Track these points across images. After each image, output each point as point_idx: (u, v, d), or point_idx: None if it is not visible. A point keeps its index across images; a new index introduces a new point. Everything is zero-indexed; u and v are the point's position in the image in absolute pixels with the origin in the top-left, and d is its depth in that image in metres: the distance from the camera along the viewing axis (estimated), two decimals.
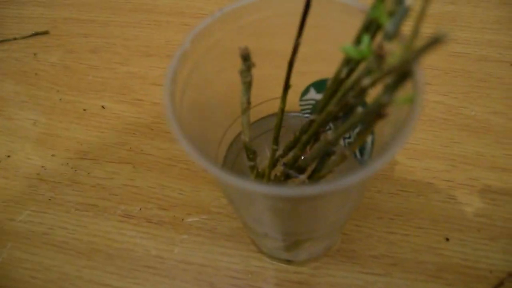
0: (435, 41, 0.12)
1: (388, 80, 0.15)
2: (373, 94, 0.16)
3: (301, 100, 0.25)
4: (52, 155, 0.35)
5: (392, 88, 0.15)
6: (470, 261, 0.29)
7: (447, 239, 0.29)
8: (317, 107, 0.21)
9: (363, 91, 0.16)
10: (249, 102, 0.22)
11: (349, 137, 0.23)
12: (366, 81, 0.16)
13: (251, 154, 0.24)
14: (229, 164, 0.25)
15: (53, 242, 0.30)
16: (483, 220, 0.30)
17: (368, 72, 0.16)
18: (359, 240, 0.29)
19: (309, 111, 0.25)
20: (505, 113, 0.34)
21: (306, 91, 0.24)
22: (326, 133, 0.19)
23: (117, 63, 0.40)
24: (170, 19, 0.43)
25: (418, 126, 0.34)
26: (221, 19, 0.18)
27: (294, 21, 0.19)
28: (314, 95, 0.24)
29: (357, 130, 0.23)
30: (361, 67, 0.17)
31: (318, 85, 0.23)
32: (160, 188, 0.32)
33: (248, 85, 0.21)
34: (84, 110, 0.37)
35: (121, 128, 0.36)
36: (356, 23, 0.17)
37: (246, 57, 0.19)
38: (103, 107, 0.37)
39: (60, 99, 0.38)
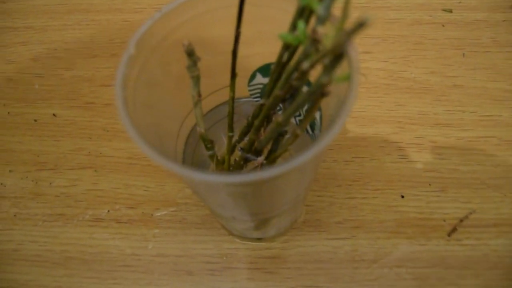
0: (360, 25, 0.13)
1: (325, 61, 0.16)
2: (315, 74, 0.17)
3: (249, 85, 0.26)
4: (10, 171, 0.34)
5: (329, 68, 0.16)
6: (425, 214, 0.31)
7: (402, 196, 0.32)
8: (265, 91, 0.22)
9: (304, 74, 0.18)
10: (199, 95, 0.22)
11: (300, 115, 0.25)
12: (305, 65, 0.17)
13: (209, 143, 0.24)
14: (189, 155, 0.26)
15: (25, 257, 0.30)
16: (432, 175, 0.32)
17: (306, 55, 0.17)
18: (322, 209, 0.31)
19: (258, 95, 0.26)
20: (441, 72, 0.37)
21: (252, 76, 0.25)
22: (277, 115, 0.20)
23: (62, 68, 0.40)
24: (109, 17, 0.43)
25: (363, 94, 0.35)
26: (162, 20, 0.19)
27: (233, 12, 0.20)
28: (261, 79, 0.25)
29: (305, 108, 0.24)
30: (300, 50, 0.18)
31: (264, 70, 0.24)
32: (125, 188, 0.32)
33: (196, 79, 0.22)
34: (35, 120, 0.37)
35: (76, 134, 0.35)
36: (290, 9, 0.18)
37: (190, 53, 0.20)
38: (54, 115, 0.37)
39: (8, 113, 0.37)
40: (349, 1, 0.16)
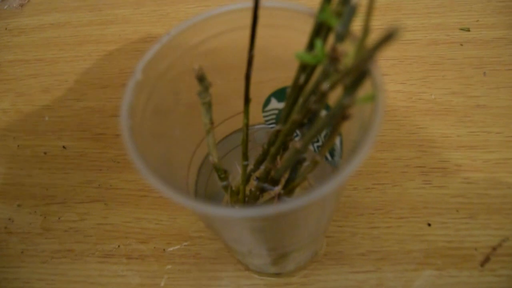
0: (388, 37, 0.12)
1: (347, 81, 0.15)
2: (334, 96, 0.16)
3: (263, 111, 0.24)
4: (18, 205, 0.33)
5: (351, 89, 0.15)
6: (455, 242, 0.29)
7: (429, 224, 0.30)
8: (281, 117, 0.20)
9: (323, 96, 0.16)
10: (212, 122, 0.21)
11: (318, 141, 0.23)
12: (325, 86, 0.16)
13: (222, 173, 0.23)
14: (202, 185, 0.25)
15: None
16: (460, 200, 0.31)
17: (325, 76, 0.16)
18: (344, 240, 0.29)
19: (273, 121, 0.25)
20: (463, 92, 0.35)
21: (267, 101, 0.24)
22: (294, 141, 0.19)
23: (72, 99, 0.39)
24: (120, 47, 0.42)
25: None
26: (170, 43, 0.18)
27: (245, 34, 0.19)
28: (277, 105, 0.24)
29: (324, 133, 0.22)
30: (318, 71, 0.17)
31: (279, 94, 0.23)
32: (136, 221, 0.31)
33: (208, 106, 0.20)
34: (45, 153, 0.36)
35: (86, 166, 0.34)
36: (306, 28, 0.17)
37: (201, 78, 0.19)
38: (64, 147, 0.36)
39: (18, 146, 0.37)
40: (370, 18, 0.15)
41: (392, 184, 0.31)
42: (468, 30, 0.39)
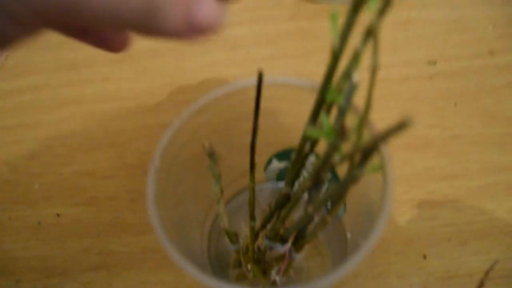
0: (400, 127, 0.13)
1: (357, 157, 0.16)
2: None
3: (265, 170, 0.25)
4: (17, 281, 0.33)
5: (362, 163, 0.16)
6: (451, 272, 0.31)
7: (425, 256, 0.31)
8: (287, 179, 0.21)
9: (333, 167, 0.18)
10: (221, 191, 0.22)
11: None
12: (336, 159, 0.17)
13: (233, 237, 0.24)
14: (213, 249, 0.26)
15: None
16: (450, 229, 0.32)
17: (334, 149, 0.17)
18: (348, 283, 0.30)
19: (274, 178, 0.26)
20: (438, 124, 0.37)
21: (269, 162, 0.25)
22: (308, 205, 0.20)
23: (60, 164, 0.39)
24: (102, 106, 0.43)
25: None
26: (181, 127, 0.19)
27: (249, 108, 0.20)
28: (277, 164, 0.25)
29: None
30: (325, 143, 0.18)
31: (280, 155, 0.24)
32: (141, 285, 0.31)
33: (217, 177, 0.21)
34: (39, 223, 0.36)
35: (82, 233, 0.34)
36: (306, 97, 0.19)
37: (211, 154, 0.20)
38: (58, 215, 0.36)
39: (9, 218, 0.36)
40: (372, 92, 0.17)
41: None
42: (435, 64, 0.42)
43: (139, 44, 0.47)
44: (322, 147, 0.18)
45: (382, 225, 0.16)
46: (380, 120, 0.37)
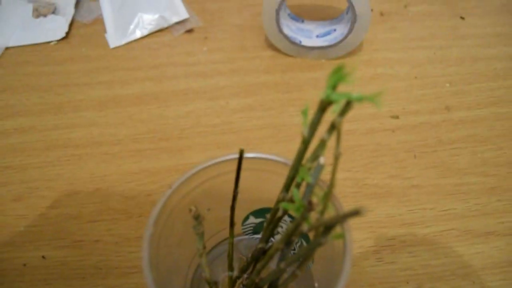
0: (355, 214, 0.17)
1: (322, 228, 0.19)
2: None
3: (242, 225, 0.28)
4: None
5: (326, 232, 0.19)
6: None
7: None
8: (262, 237, 0.24)
9: (301, 233, 0.21)
10: (204, 247, 0.25)
11: (294, 249, 0.28)
12: (305, 227, 0.20)
13: (213, 285, 0.27)
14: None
15: None
16: (408, 273, 0.36)
17: (303, 219, 0.20)
18: None
19: (251, 232, 0.29)
20: (399, 175, 0.41)
21: (246, 218, 0.28)
22: (280, 262, 0.23)
23: (47, 207, 0.41)
24: (88, 151, 0.45)
25: None
26: (171, 195, 0.22)
27: (231, 176, 0.23)
28: (254, 220, 0.28)
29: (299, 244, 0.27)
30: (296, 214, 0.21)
31: (256, 213, 0.27)
32: None
33: (201, 235, 0.24)
34: (24, 265, 0.37)
35: (68, 275, 0.36)
36: (280, 170, 0.22)
37: (197, 217, 0.23)
38: (43, 257, 0.38)
39: None
40: (335, 174, 0.20)
41: (352, 264, 0.36)
42: (397, 118, 0.46)
43: (124, 91, 0.50)
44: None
45: (343, 282, 0.19)
46: (347, 170, 0.42)
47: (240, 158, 0.21)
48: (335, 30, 0.50)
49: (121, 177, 0.42)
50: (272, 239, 0.25)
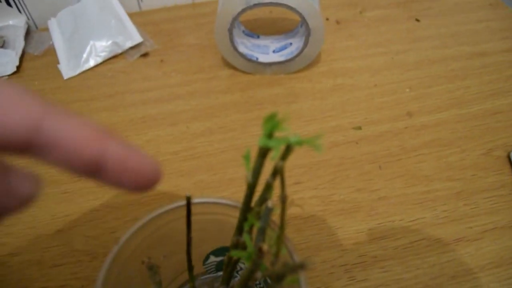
0: (300, 267, 0.16)
1: (275, 276, 0.19)
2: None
3: (204, 264, 0.28)
4: None
5: (279, 280, 0.19)
6: None
7: None
8: (222, 279, 0.24)
9: (256, 279, 0.20)
10: None
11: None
12: (258, 275, 0.19)
13: None
14: None
15: None
16: None
17: (256, 266, 0.19)
18: None
19: (213, 270, 0.28)
20: (365, 188, 0.41)
21: (207, 257, 0.27)
22: None
23: (7, 255, 0.39)
24: (48, 191, 0.43)
25: (302, 225, 0.38)
26: (120, 251, 0.21)
27: (181, 222, 0.22)
28: (214, 259, 0.27)
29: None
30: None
31: (216, 252, 0.26)
32: None
33: (159, 284, 0.23)
34: None
35: None
36: (232, 212, 0.21)
37: (151, 267, 0.22)
38: None
39: None
40: (284, 218, 0.19)
41: (324, 286, 0.35)
42: (360, 129, 0.46)
43: None
44: None
45: None
46: (313, 188, 0.41)
47: (188, 206, 0.21)
48: (291, 44, 0.50)
49: (83, 216, 0.41)
50: (237, 274, 0.24)
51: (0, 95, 0.13)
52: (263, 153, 0.18)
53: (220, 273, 0.29)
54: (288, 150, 0.18)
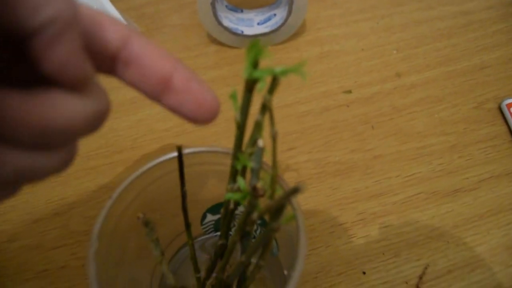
0: (295, 191, 0.16)
1: (271, 212, 0.19)
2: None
3: (202, 225, 0.27)
4: None
5: (276, 216, 0.19)
6: (388, 283, 0.34)
7: (364, 273, 0.34)
8: (221, 233, 0.24)
9: (254, 222, 0.20)
10: (162, 254, 0.24)
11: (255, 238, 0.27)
12: (254, 215, 0.19)
13: None
14: None
15: None
16: (383, 244, 0.35)
17: (252, 207, 0.19)
18: None
19: (212, 230, 0.28)
20: (359, 148, 0.41)
21: (203, 217, 0.27)
22: (241, 255, 0.22)
23: (6, 241, 0.39)
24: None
25: None
26: (114, 205, 0.21)
27: (175, 175, 0.22)
28: (212, 217, 0.27)
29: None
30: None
31: (212, 209, 0.26)
32: None
33: (156, 242, 0.23)
34: None
35: None
36: (224, 160, 0.21)
37: (147, 223, 0.22)
38: None
39: None
40: (275, 155, 0.19)
41: (325, 245, 0.35)
42: (350, 92, 0.46)
43: None
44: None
45: (300, 264, 0.18)
46: (308, 152, 0.41)
47: (180, 155, 0.20)
48: (275, 15, 0.49)
49: (79, 198, 0.41)
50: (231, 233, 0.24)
51: (98, 16, 0.16)
52: (250, 86, 0.18)
53: (219, 233, 0.29)
54: (274, 82, 0.18)
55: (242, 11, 0.51)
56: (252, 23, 0.50)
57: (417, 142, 0.42)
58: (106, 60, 0.17)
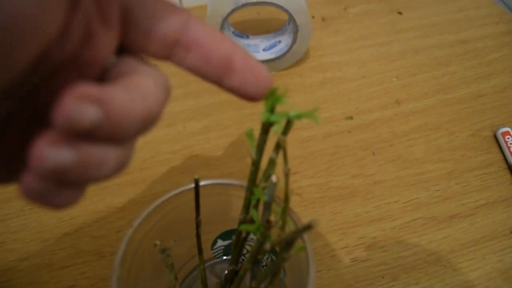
0: (308, 228, 0.17)
1: (283, 244, 0.20)
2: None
3: (212, 249, 0.29)
4: None
5: (288, 248, 0.20)
6: None
7: None
8: (231, 259, 0.25)
9: (266, 251, 0.21)
10: (176, 278, 0.25)
11: (266, 265, 0.28)
12: (267, 246, 0.21)
13: None
14: None
15: None
16: (382, 268, 0.37)
17: (264, 237, 0.21)
18: None
19: (221, 254, 0.29)
20: (361, 173, 0.43)
21: (214, 242, 0.28)
22: (251, 281, 0.23)
23: (15, 260, 0.40)
24: None
25: (303, 212, 0.40)
26: (134, 234, 0.22)
27: (191, 205, 0.23)
28: (222, 243, 0.28)
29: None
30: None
31: (223, 236, 0.28)
32: None
33: (171, 267, 0.24)
34: None
35: None
36: (238, 193, 0.22)
37: (163, 250, 0.23)
38: None
39: None
40: (288, 190, 0.21)
41: (327, 268, 0.37)
42: (352, 118, 0.47)
43: None
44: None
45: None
46: (311, 177, 0.42)
47: (197, 187, 0.22)
48: (280, 41, 0.51)
49: (88, 217, 0.42)
50: (243, 257, 0.25)
51: (158, 2, 0.16)
52: (266, 128, 0.19)
53: (227, 257, 0.30)
54: (288, 124, 0.19)
55: (248, 37, 0.53)
56: (257, 49, 0.52)
57: (415, 168, 0.43)
58: (166, 46, 0.17)
